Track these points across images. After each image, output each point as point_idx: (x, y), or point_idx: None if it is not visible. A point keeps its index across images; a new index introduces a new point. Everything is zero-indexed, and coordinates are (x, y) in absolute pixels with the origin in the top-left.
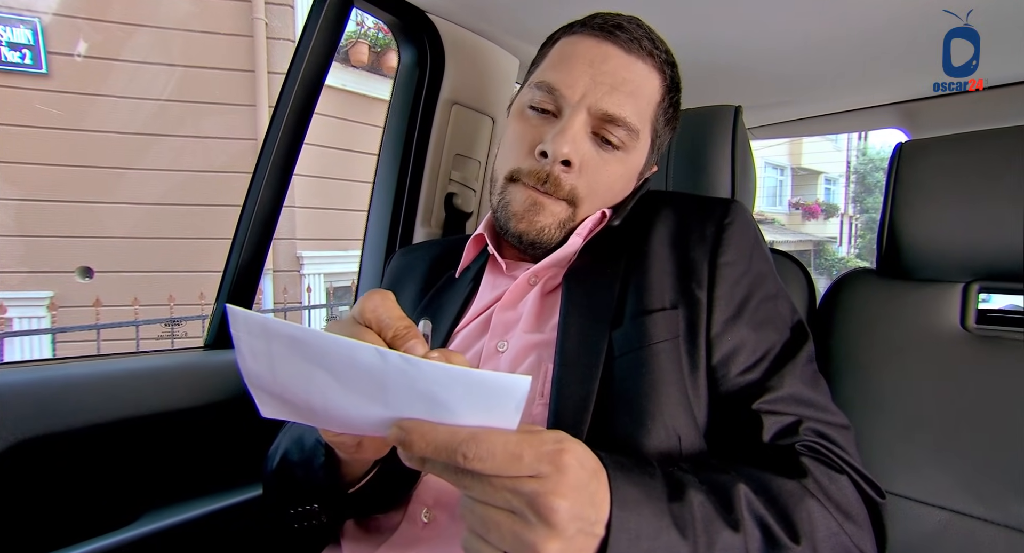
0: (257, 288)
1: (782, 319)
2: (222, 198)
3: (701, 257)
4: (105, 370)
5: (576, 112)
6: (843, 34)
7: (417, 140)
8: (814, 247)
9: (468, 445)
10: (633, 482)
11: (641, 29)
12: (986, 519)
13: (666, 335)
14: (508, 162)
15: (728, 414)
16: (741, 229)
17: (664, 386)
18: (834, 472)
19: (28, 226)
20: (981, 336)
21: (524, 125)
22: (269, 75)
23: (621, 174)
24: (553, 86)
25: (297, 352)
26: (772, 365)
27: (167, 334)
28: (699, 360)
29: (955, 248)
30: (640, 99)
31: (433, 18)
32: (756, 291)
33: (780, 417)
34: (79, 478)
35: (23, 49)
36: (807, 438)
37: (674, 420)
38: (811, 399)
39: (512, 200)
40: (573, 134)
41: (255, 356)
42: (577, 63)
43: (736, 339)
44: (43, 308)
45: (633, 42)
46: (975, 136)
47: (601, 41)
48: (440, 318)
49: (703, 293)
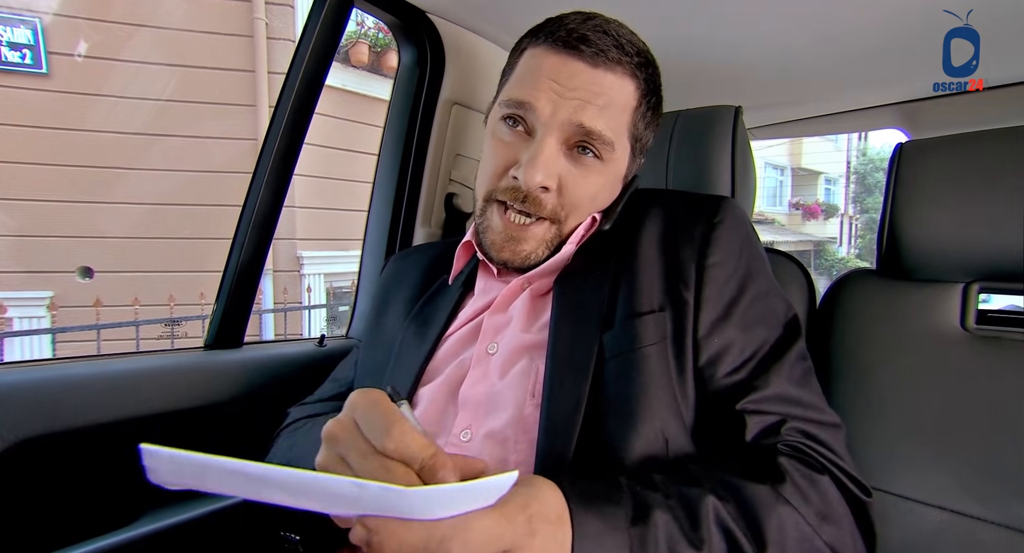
0: (257, 288)
1: (775, 316)
2: (222, 198)
3: (689, 258)
4: (105, 370)
5: (547, 133)
6: (843, 34)
7: (417, 140)
8: (814, 247)
9: (449, 544)
10: (596, 513)
11: (608, 36)
12: (986, 519)
13: (655, 338)
14: (485, 182)
15: (714, 414)
16: (730, 228)
17: (653, 389)
18: (815, 473)
19: (28, 226)
20: (981, 336)
21: (497, 143)
22: (269, 75)
23: (602, 184)
24: (522, 101)
25: (240, 480)
26: (759, 364)
27: (167, 334)
28: (686, 362)
29: (955, 248)
30: (612, 110)
31: (433, 18)
32: (746, 290)
33: (764, 416)
34: (79, 478)
35: (23, 49)
36: (789, 438)
37: (663, 423)
38: (798, 398)
39: (491, 227)
40: (545, 158)
41: (176, 478)
42: (542, 80)
43: (723, 340)
44: (43, 308)
45: (599, 55)
46: (975, 137)
47: (565, 57)
48: (430, 324)
49: (690, 295)
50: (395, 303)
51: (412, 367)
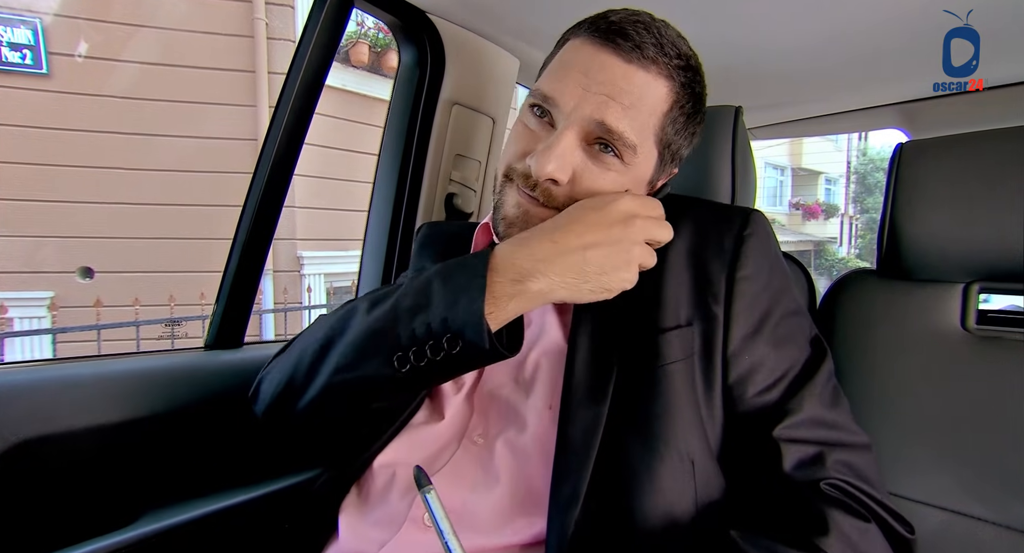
0: (257, 288)
1: (803, 334)
2: (222, 198)
3: (718, 270)
4: (106, 370)
5: (567, 126)
6: (843, 34)
7: (417, 140)
8: (814, 247)
9: None
10: None
11: (649, 33)
12: (987, 520)
13: (680, 355)
14: (505, 162)
15: (744, 437)
16: (761, 241)
17: (677, 409)
18: (862, 522)
19: (29, 226)
20: (981, 337)
21: (522, 128)
22: (269, 75)
23: (621, 185)
24: (547, 95)
25: None
26: (791, 386)
27: (167, 334)
28: (715, 379)
29: (955, 248)
30: (639, 111)
31: (433, 18)
32: (776, 307)
33: (801, 446)
34: (80, 478)
35: (24, 49)
36: (835, 476)
37: (687, 445)
38: (832, 421)
39: (505, 202)
40: (560, 150)
41: None
42: (572, 72)
43: (754, 357)
44: (44, 308)
45: (635, 50)
46: (976, 137)
47: (600, 49)
48: None
49: (720, 308)
50: None
51: None
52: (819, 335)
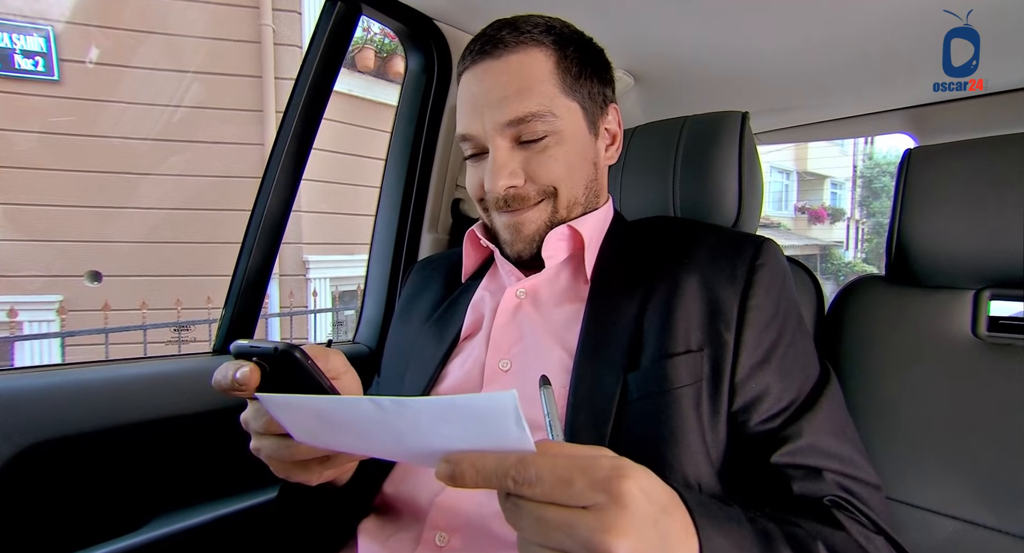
0: (265, 293)
1: (811, 363)
2: (230, 203)
3: (730, 296)
4: (115, 375)
5: (491, 143)
6: (847, 36)
7: (424, 146)
8: (820, 251)
9: (516, 469)
10: (723, 531)
11: (507, 27)
12: (999, 529)
13: (688, 379)
14: (473, 196)
15: (746, 461)
16: (772, 270)
17: (683, 433)
18: (870, 532)
19: (38, 230)
20: (992, 343)
21: (470, 166)
22: (276, 81)
23: (566, 152)
24: (464, 134)
25: (322, 417)
26: (794, 414)
27: (175, 338)
28: (721, 405)
29: (965, 254)
30: (530, 85)
31: (440, 25)
32: (784, 336)
33: (801, 471)
34: (90, 482)
35: (36, 56)
36: (834, 493)
37: (694, 469)
38: (837, 452)
39: (497, 228)
40: (500, 163)
41: (294, 424)
42: (467, 103)
43: (761, 386)
44: (53, 312)
45: (499, 44)
46: (984, 142)
47: (477, 66)
48: (448, 326)
49: (731, 335)
50: (417, 310)
51: (427, 368)
52: (824, 360)
